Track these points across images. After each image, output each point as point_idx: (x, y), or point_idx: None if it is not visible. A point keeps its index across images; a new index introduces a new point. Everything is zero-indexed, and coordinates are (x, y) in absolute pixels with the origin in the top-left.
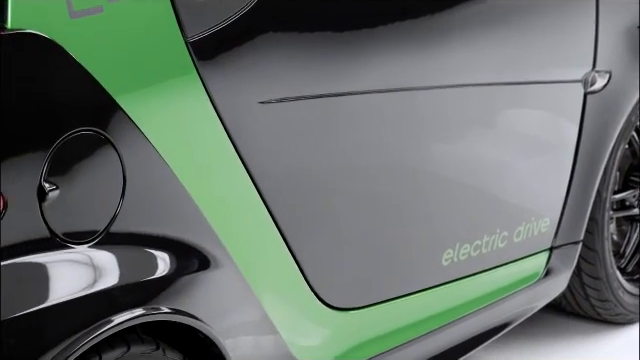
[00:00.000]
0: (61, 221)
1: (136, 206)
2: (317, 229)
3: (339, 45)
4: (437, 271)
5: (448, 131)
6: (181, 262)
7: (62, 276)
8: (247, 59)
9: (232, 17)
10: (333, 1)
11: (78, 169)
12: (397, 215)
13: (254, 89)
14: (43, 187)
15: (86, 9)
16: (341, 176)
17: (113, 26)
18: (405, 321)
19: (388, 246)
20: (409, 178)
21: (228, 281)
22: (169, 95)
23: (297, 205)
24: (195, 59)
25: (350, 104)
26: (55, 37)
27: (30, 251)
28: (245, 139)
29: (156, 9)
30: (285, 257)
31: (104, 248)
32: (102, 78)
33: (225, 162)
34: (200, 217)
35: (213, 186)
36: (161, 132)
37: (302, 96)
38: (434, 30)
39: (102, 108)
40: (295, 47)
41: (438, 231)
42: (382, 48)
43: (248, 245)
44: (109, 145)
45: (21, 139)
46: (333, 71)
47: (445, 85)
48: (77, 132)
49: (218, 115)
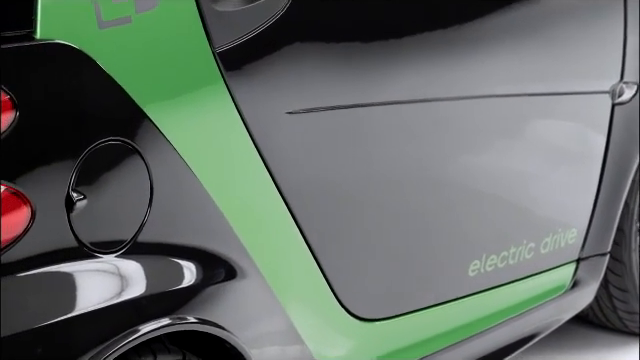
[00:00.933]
0: (89, 230)
1: (163, 216)
2: (343, 239)
3: (367, 56)
4: (463, 282)
5: (476, 142)
6: (208, 272)
7: (89, 285)
8: (274, 69)
9: (259, 27)
10: (361, 12)
11: (106, 179)
12: (424, 226)
13: (281, 99)
14: (71, 197)
15: (114, 20)
16: (368, 187)
17: (141, 36)
18: (431, 332)
19: (415, 257)
20: (436, 189)
21: (254, 291)
22: (196, 105)
23: (323, 215)
24: (222, 69)
25: (377, 115)
26: (84, 47)
27: (58, 260)
28: (272, 149)
29: (184, 20)
30: (311, 267)
31: (131, 258)
32: (130, 88)
33: (252, 172)
34: (227, 227)
35: (240, 196)
36: (188, 142)
37: (329, 106)
38: (462, 41)
39: (130, 118)
40: (322, 58)
41: (465, 242)
42: (410, 59)
43: (274, 255)
44: (137, 155)
45: (49, 149)
46: (360, 82)
47: (473, 96)
48: (105, 142)
49: (245, 125)
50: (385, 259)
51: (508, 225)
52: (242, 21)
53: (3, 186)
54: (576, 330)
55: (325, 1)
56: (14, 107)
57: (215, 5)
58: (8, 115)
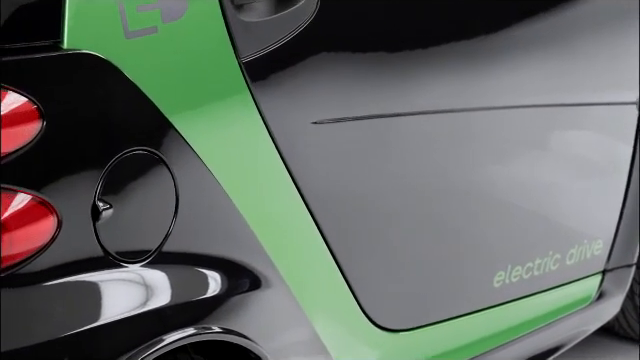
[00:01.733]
0: (114, 240)
1: (188, 225)
2: (368, 250)
3: (393, 66)
4: (488, 293)
5: (502, 153)
6: (232, 281)
7: (115, 295)
8: (300, 79)
9: (285, 38)
10: (387, 22)
11: (131, 188)
12: (449, 236)
13: (307, 109)
14: (97, 206)
15: (141, 29)
16: (393, 197)
17: (167, 46)
18: (456, 343)
19: (439, 267)
20: (461, 199)
21: (279, 301)
22: (222, 115)
23: (348, 225)
24: (248, 79)
25: (403, 125)
26: (110, 57)
27: (83, 270)
28: (297, 159)
29: (210, 30)
30: (336, 277)
31: (156, 267)
32: (156, 98)
33: (277, 182)
34: (252, 237)
35: (265, 206)
36: (214, 152)
37: (355, 117)
38: (489, 51)
39: (156, 128)
40: (348, 68)
41: (490, 253)
42: (437, 69)
43: (299, 265)
44: (162, 165)
45: (76, 158)
46: (386, 92)
47: (499, 106)
48: (131, 152)
49: (270, 135)
50: (410, 269)
51: (533, 236)
52: (268, 31)
53: (30, 195)
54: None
55: (351, 11)
56: (41, 117)
57: (241, 15)
58: (35, 125)
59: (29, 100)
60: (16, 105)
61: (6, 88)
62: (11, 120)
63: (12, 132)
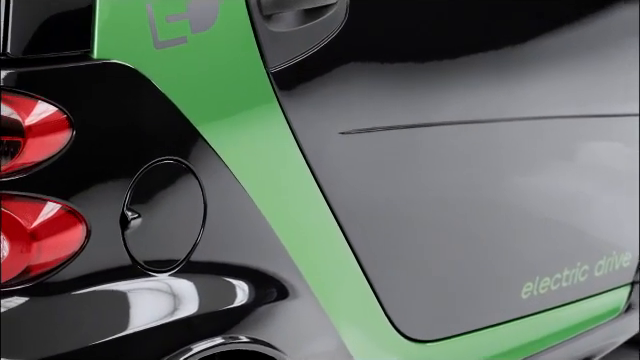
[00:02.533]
0: (143, 249)
1: (216, 235)
2: (396, 260)
3: (421, 76)
4: (516, 304)
5: (530, 163)
6: (260, 291)
7: (143, 304)
8: (328, 89)
9: (313, 48)
10: (415, 32)
11: (160, 198)
12: (477, 247)
13: (335, 119)
14: (126, 215)
15: (170, 39)
16: (421, 207)
17: (196, 56)
18: (483, 354)
19: (467, 278)
20: (490, 210)
21: (306, 311)
22: (250, 125)
23: (376, 235)
24: (276, 89)
25: (431, 135)
26: (139, 67)
27: (112, 279)
28: (325, 169)
29: (238, 40)
30: (363, 287)
31: (184, 276)
32: (185, 107)
33: (304, 192)
34: (279, 246)
35: (292, 216)
36: (242, 161)
37: (382, 127)
38: (518, 62)
39: (184, 137)
40: (376, 78)
41: (518, 264)
42: (465, 80)
43: (326, 275)
44: (191, 174)
45: (105, 168)
46: (415, 102)
47: (527, 117)
48: (159, 161)
49: (298, 145)
50: (438, 280)
51: (562, 247)
52: (296, 41)
53: (59, 204)
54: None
55: (379, 22)
56: (70, 126)
57: (270, 26)
58: (64, 134)
59: (59, 110)
60: (46, 114)
61: (36, 98)
62: (41, 129)
63: (42, 141)
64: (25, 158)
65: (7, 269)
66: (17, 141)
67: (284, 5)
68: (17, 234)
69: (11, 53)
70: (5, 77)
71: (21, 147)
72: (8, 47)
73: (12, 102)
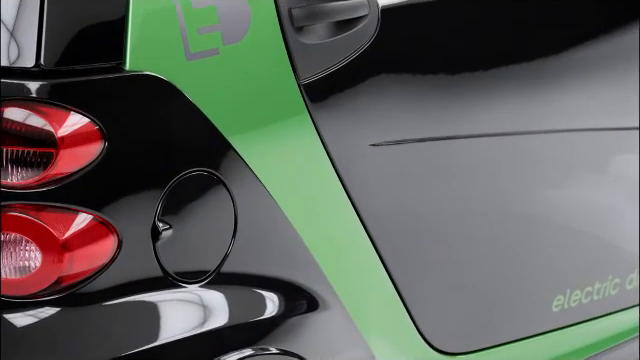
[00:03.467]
0: (174, 260)
1: (247, 246)
2: (426, 272)
3: (453, 88)
4: (547, 317)
5: (562, 176)
6: (290, 303)
7: (173, 315)
8: (359, 101)
9: (345, 60)
10: (447, 44)
11: (191, 209)
12: (508, 259)
13: (365, 131)
14: (157, 226)
15: (202, 51)
16: (452, 219)
17: (228, 68)
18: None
19: (498, 291)
20: (521, 222)
21: (336, 323)
22: (281, 136)
23: (406, 248)
24: (307, 101)
25: (462, 147)
26: (171, 78)
27: (143, 290)
28: (355, 181)
29: (270, 51)
30: (393, 300)
31: (215, 288)
32: (216, 119)
33: (335, 203)
34: (309, 258)
35: (322, 227)
36: (272, 173)
37: (414, 139)
38: (551, 73)
39: (215, 149)
40: (408, 90)
41: (549, 277)
42: (496, 91)
43: (356, 287)
44: (221, 185)
45: (136, 179)
46: (446, 114)
47: (559, 129)
48: (191, 172)
49: (329, 156)
50: (468, 292)
51: (593, 260)
52: (327, 53)
53: (91, 215)
54: None
55: (410, 33)
56: (103, 137)
57: (301, 37)
58: (97, 145)
59: (91, 121)
60: (79, 126)
61: (69, 109)
62: (74, 141)
63: (74, 152)
64: (58, 169)
65: (39, 279)
66: (50, 152)
67: (316, 17)
68: (49, 245)
69: (44, 65)
70: (38, 88)
71: (54, 158)
72: (42, 59)
73: (45, 113)
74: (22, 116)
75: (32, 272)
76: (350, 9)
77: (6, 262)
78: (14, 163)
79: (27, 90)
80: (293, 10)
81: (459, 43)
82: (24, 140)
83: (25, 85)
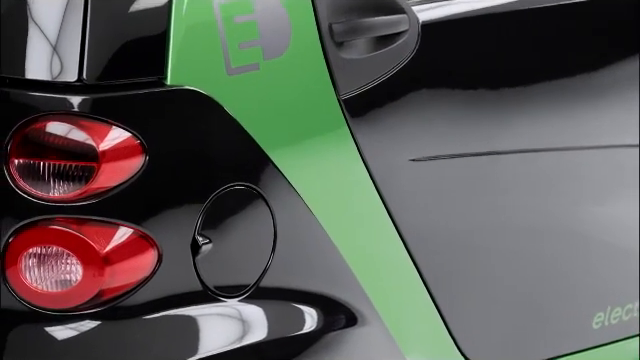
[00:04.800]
0: (213, 274)
1: (286, 260)
2: (465, 287)
3: (492, 103)
4: (587, 334)
5: (602, 192)
6: (328, 318)
7: (213, 329)
8: (399, 116)
9: (385, 75)
10: (487, 59)
11: (231, 223)
12: (548, 275)
13: (405, 146)
14: (197, 240)
15: (243, 66)
16: (492, 235)
17: (268, 83)
18: None
19: (538, 306)
20: (560, 238)
21: (375, 338)
22: (320, 151)
23: (445, 263)
24: (347, 116)
25: (503, 163)
26: (212, 93)
27: (183, 303)
28: (395, 196)
29: (310, 66)
30: (432, 315)
31: (254, 302)
32: (256, 133)
33: (374, 218)
34: (348, 273)
35: (362, 242)
36: (312, 187)
37: (454, 154)
38: (592, 89)
39: (255, 163)
40: (448, 105)
41: (589, 293)
42: (536, 107)
43: (395, 302)
44: (261, 200)
45: (177, 193)
46: (486, 129)
47: (599, 146)
48: (231, 187)
49: (368, 171)
50: (507, 308)
51: (634, 277)
52: (368, 69)
53: (131, 229)
54: None
55: (451, 48)
56: (144, 152)
57: (341, 53)
58: (138, 160)
59: (133, 135)
60: (120, 140)
61: (110, 123)
62: (115, 155)
63: (116, 166)
64: (99, 183)
65: (80, 293)
66: (91, 166)
67: (356, 32)
68: (90, 258)
69: (87, 79)
70: (80, 103)
71: (95, 172)
72: (84, 73)
73: (87, 127)
74: (64, 130)
75: (73, 285)
76: (390, 24)
77: (47, 275)
78: (56, 177)
79: (69, 104)
80: (334, 25)
81: (499, 58)
82: (66, 154)
83: (67, 99)
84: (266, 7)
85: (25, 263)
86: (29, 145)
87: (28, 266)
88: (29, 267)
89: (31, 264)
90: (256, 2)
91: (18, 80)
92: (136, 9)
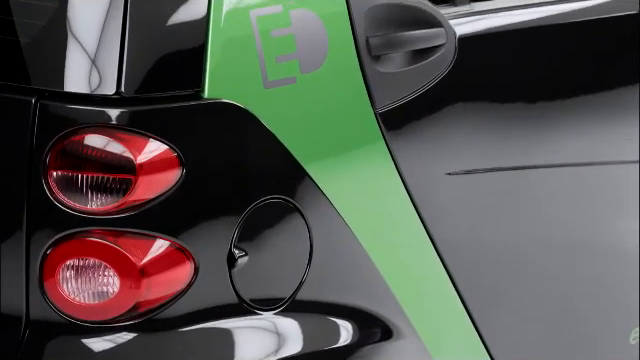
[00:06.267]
0: (249, 287)
1: (322, 274)
2: (501, 302)
3: (529, 117)
4: (624, 350)
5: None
6: (364, 331)
7: (248, 342)
8: (435, 130)
9: (422, 88)
10: (524, 73)
11: (267, 236)
12: (585, 290)
13: (441, 160)
14: (233, 253)
15: (280, 79)
16: (528, 249)
17: (305, 96)
18: None
19: (574, 322)
20: (597, 254)
21: (410, 352)
22: (357, 164)
23: (482, 277)
24: (383, 129)
25: (539, 177)
26: (249, 106)
27: (218, 316)
28: (431, 209)
29: (347, 80)
30: (468, 329)
31: (289, 315)
32: (292, 146)
33: (410, 232)
34: (384, 287)
35: (397, 255)
36: (348, 200)
37: (490, 168)
38: (627, 104)
39: (292, 176)
40: (484, 119)
41: (626, 309)
42: (574, 121)
43: (431, 316)
44: (297, 213)
45: (214, 206)
46: (523, 144)
47: (634, 160)
48: (267, 199)
49: (404, 185)
50: (543, 323)
51: None
52: (404, 82)
53: (168, 242)
54: None
55: (487, 62)
56: (181, 164)
57: (378, 66)
58: (175, 172)
59: (170, 148)
60: (157, 152)
61: (148, 136)
62: (152, 167)
63: (153, 179)
64: (136, 195)
65: (117, 305)
66: (129, 178)
67: (393, 46)
68: (127, 270)
69: (125, 92)
70: (118, 116)
71: (132, 184)
72: (122, 86)
73: (125, 140)
74: (102, 143)
75: (110, 297)
76: (427, 38)
77: (85, 287)
78: (94, 189)
79: (107, 117)
80: (371, 39)
81: (536, 72)
82: (104, 166)
83: (105, 112)
84: (303, 20)
85: (63, 275)
86: (67, 157)
87: (66, 278)
88: (67, 279)
89: (69, 276)
90: (293, 15)
91: (57, 93)
92: (174, 22)
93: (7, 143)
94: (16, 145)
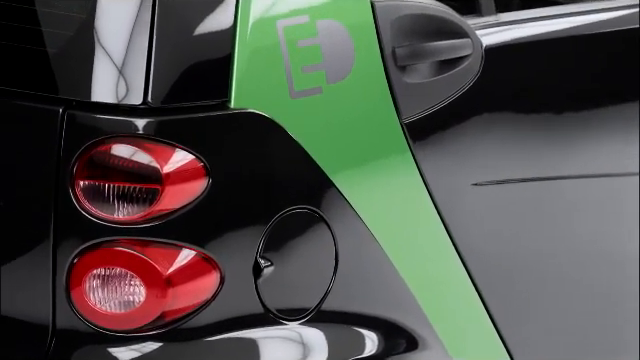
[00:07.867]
0: (274, 297)
1: (347, 284)
2: (527, 312)
3: (556, 128)
4: None
5: None
6: (389, 342)
7: (274, 352)
8: (461, 141)
9: (448, 99)
10: (550, 84)
11: (293, 246)
12: (609, 301)
13: (467, 170)
14: (259, 263)
15: (306, 90)
16: (553, 260)
17: (331, 106)
18: None
19: (600, 331)
20: (623, 264)
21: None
22: (383, 175)
23: (507, 287)
24: (409, 140)
25: (565, 188)
26: (275, 116)
27: (244, 325)
28: (456, 220)
29: (373, 90)
30: (494, 340)
31: (314, 325)
32: (318, 156)
33: (436, 242)
34: (409, 297)
35: (423, 266)
36: (374, 211)
37: (516, 179)
38: None
39: (318, 186)
40: (510, 129)
41: None
42: (602, 131)
43: (457, 326)
44: (323, 223)
45: (239, 216)
46: (549, 154)
47: None
48: (293, 209)
49: (430, 195)
50: (568, 333)
51: None
52: (430, 92)
53: (194, 251)
54: None
55: (513, 73)
56: (207, 174)
57: (404, 77)
58: (201, 182)
59: (196, 158)
60: (184, 162)
61: (174, 146)
62: (179, 177)
63: (179, 189)
64: (163, 205)
65: (143, 314)
66: (155, 188)
67: (419, 56)
68: (153, 280)
69: (151, 102)
70: (145, 125)
71: (159, 194)
72: (149, 96)
73: (151, 150)
74: (129, 152)
75: (136, 307)
76: (454, 48)
77: (111, 296)
78: (120, 199)
79: (134, 127)
80: (397, 49)
81: (563, 82)
82: (130, 176)
83: (132, 122)
84: (330, 31)
85: (89, 284)
86: (94, 167)
87: (92, 287)
88: (93, 288)
89: (95, 285)
90: (320, 26)
91: (84, 103)
92: (201, 32)
93: (35, 153)
94: (43, 155)
